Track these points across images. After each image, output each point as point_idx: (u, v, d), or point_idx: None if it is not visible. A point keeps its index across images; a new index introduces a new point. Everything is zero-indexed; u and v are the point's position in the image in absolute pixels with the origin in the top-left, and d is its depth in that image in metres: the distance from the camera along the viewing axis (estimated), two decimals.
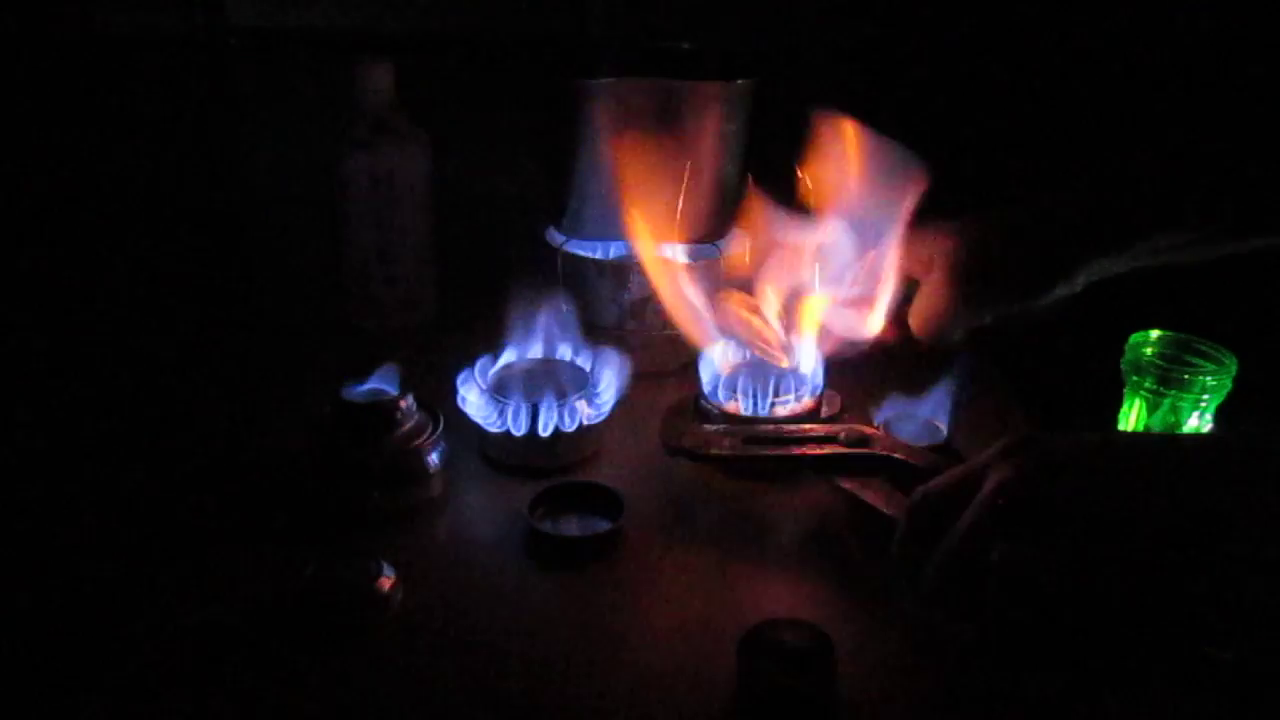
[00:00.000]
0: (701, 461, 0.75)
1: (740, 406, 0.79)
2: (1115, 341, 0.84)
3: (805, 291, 0.80)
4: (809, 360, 0.81)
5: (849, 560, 0.71)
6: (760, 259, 0.81)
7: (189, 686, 0.58)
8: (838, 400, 0.81)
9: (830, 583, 0.69)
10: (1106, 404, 0.86)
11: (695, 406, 0.81)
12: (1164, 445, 0.60)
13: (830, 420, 0.78)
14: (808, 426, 0.76)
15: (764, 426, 0.77)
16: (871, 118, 0.74)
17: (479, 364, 0.83)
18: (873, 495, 0.68)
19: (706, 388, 0.81)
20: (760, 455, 0.74)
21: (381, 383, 0.76)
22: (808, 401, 0.80)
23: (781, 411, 0.79)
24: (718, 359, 0.83)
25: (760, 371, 0.81)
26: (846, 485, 0.70)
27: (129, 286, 1.02)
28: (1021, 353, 1.01)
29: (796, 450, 0.73)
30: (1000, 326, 0.72)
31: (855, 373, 0.82)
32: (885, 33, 1.09)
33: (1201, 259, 0.68)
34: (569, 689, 0.59)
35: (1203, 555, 0.50)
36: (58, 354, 0.93)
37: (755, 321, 0.80)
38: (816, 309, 0.79)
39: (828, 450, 0.72)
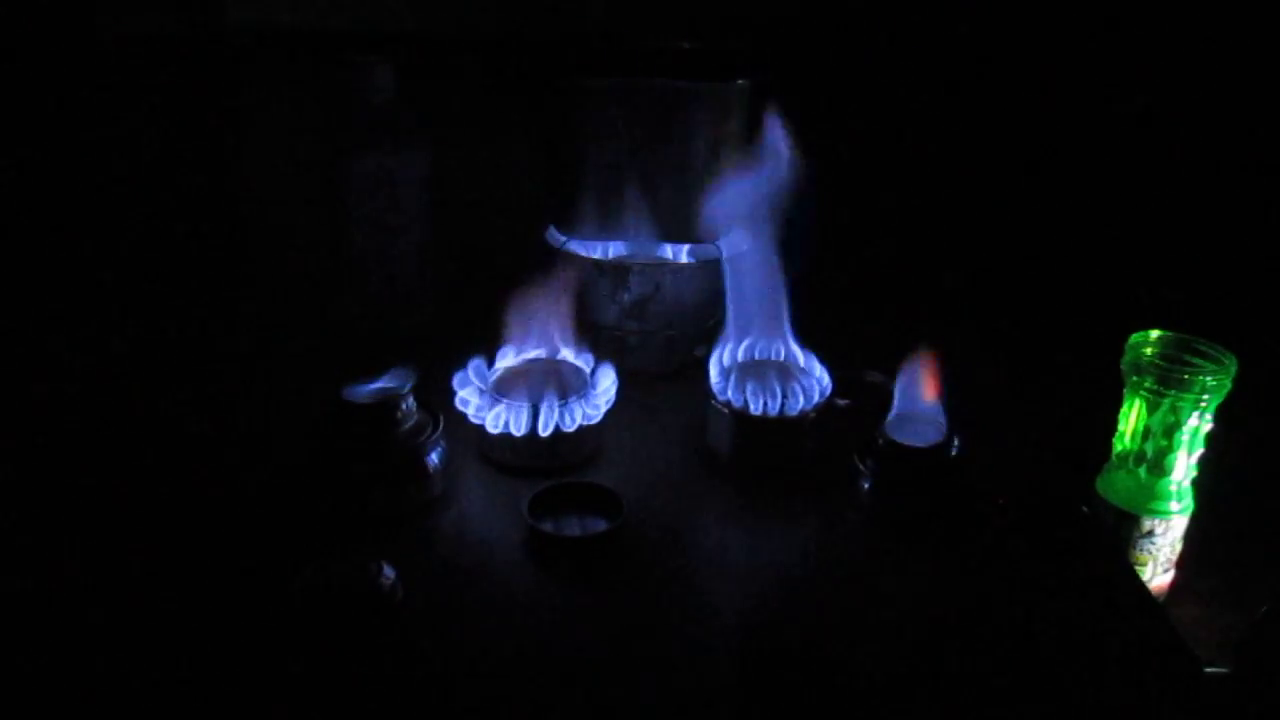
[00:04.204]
0: None
1: (751, 407, 0.79)
2: (1115, 341, 0.84)
3: None
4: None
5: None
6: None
7: (189, 686, 0.58)
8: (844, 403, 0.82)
9: (829, 582, 0.69)
10: (1106, 404, 0.86)
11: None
12: None
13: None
14: None
15: None
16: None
17: (478, 364, 0.83)
18: None
19: (715, 388, 0.81)
20: None
21: (392, 381, 0.75)
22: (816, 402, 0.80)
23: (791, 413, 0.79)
24: (727, 359, 0.83)
25: (768, 373, 0.81)
26: None
27: (129, 286, 1.02)
28: (1020, 352, 1.01)
29: None
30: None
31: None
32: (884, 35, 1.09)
33: None
34: (569, 689, 0.59)
35: None
36: (57, 354, 0.93)
37: None
38: None
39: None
